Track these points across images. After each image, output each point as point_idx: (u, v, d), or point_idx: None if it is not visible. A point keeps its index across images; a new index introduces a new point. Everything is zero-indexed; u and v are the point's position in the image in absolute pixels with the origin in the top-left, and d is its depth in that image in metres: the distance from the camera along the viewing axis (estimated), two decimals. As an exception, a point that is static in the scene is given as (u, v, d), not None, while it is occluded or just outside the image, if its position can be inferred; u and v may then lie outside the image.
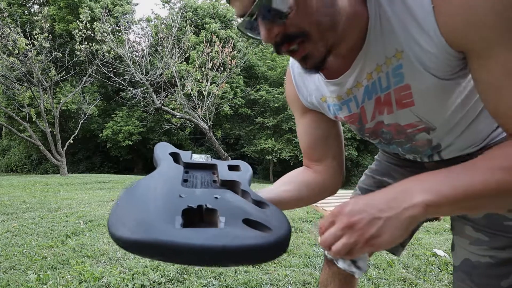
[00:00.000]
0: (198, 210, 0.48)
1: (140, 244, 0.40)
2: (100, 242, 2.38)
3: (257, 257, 0.42)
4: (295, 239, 2.55)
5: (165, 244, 0.39)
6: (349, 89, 0.61)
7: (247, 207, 0.51)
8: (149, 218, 0.43)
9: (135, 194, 0.50)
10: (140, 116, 16.70)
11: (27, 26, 9.72)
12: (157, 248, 0.39)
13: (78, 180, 7.50)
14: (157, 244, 0.39)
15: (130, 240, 0.40)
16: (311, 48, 0.48)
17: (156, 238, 0.39)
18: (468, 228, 0.64)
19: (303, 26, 0.46)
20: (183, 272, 1.88)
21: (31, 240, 2.40)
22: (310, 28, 0.46)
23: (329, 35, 0.47)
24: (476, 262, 0.62)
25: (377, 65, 0.55)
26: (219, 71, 10.90)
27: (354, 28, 0.50)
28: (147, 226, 0.41)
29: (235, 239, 0.41)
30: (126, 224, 0.42)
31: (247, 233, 0.43)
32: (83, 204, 3.93)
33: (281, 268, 1.99)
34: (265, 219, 0.47)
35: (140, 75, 10.80)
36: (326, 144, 0.74)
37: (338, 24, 0.47)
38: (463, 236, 0.65)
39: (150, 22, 17.69)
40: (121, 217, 0.44)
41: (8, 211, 3.43)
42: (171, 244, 0.39)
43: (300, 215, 3.37)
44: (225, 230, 0.43)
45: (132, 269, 1.89)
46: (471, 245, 0.63)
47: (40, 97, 9.84)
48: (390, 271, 1.99)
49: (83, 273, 1.81)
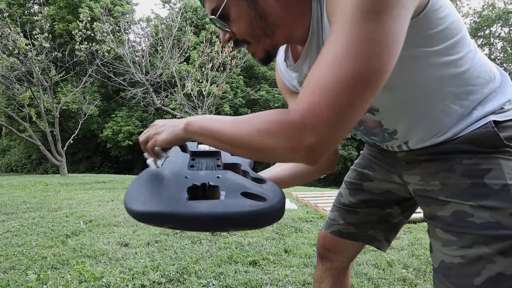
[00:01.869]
0: (202, 187, 0.55)
1: (152, 215, 0.47)
2: (100, 242, 2.38)
3: (253, 223, 0.48)
4: (295, 239, 2.55)
5: (173, 213, 0.46)
6: (306, 75, 0.68)
7: (245, 183, 0.57)
8: (158, 193, 0.52)
9: (146, 177, 0.59)
10: (140, 116, 16.69)
11: (27, 26, 9.71)
12: (166, 217, 0.46)
13: (78, 180, 7.49)
14: (166, 213, 0.46)
15: (143, 211, 0.47)
16: (253, 49, 0.63)
17: (165, 209, 0.47)
18: (439, 230, 0.65)
19: (242, 36, 0.60)
20: (183, 272, 1.88)
21: (31, 240, 2.40)
22: (248, 37, 0.60)
23: (266, 40, 0.60)
24: (450, 263, 0.63)
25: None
26: (219, 71, 10.87)
27: (298, 26, 0.58)
28: (157, 200, 0.50)
29: (233, 207, 0.47)
30: (140, 200, 0.50)
31: (244, 202, 0.49)
32: (83, 204, 3.93)
33: (281, 268, 1.99)
34: (261, 191, 0.53)
35: (140, 75, 10.79)
36: None
37: (273, 31, 0.59)
38: (436, 238, 0.66)
39: (150, 22, 17.69)
40: (134, 194, 0.52)
41: (8, 211, 3.43)
42: (178, 213, 0.46)
43: (300, 215, 3.37)
44: (225, 201, 0.50)
45: (132, 269, 1.89)
46: (443, 247, 0.64)
47: (40, 97, 9.83)
48: (390, 271, 1.99)
49: (83, 273, 1.81)
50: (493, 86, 0.63)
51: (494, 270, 0.57)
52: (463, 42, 0.58)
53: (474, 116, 0.61)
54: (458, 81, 0.60)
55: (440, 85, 0.60)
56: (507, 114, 0.61)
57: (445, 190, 0.65)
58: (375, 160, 0.87)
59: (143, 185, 0.55)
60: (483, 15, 20.19)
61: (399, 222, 0.91)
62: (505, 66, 20.02)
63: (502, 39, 20.51)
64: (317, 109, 0.42)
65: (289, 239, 2.57)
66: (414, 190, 0.74)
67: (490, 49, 21.33)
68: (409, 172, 0.74)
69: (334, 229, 0.95)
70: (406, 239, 2.65)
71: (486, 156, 0.60)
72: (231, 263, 2.04)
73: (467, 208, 0.61)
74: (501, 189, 0.58)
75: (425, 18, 0.52)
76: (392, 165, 0.80)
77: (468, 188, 0.61)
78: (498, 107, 0.61)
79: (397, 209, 0.88)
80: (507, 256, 0.57)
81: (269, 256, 2.16)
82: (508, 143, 0.60)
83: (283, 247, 2.35)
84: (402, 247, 2.46)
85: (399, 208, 0.88)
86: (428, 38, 0.54)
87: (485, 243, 0.58)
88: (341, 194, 0.95)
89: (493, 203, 0.58)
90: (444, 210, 0.65)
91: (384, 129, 0.70)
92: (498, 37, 20.69)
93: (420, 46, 0.55)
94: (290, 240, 2.54)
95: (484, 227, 0.59)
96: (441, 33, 0.55)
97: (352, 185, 0.92)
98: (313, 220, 3.19)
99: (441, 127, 0.63)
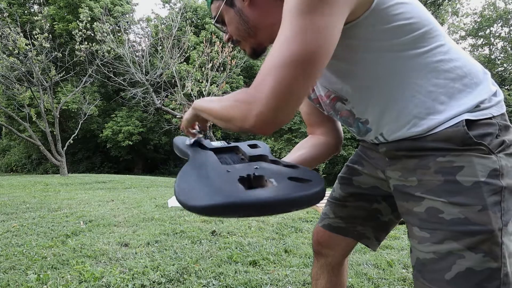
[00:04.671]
0: (247, 178, 0.59)
1: (222, 207, 0.48)
2: (100, 242, 2.38)
3: (313, 202, 0.53)
4: (295, 239, 2.55)
5: (241, 203, 0.48)
6: None
7: (284, 170, 0.63)
8: (216, 187, 0.53)
9: (191, 175, 0.60)
10: (140, 116, 16.70)
11: (27, 26, 9.70)
12: (235, 207, 0.48)
13: (78, 180, 7.50)
14: (235, 203, 0.48)
15: (211, 205, 0.48)
16: (243, 46, 0.78)
17: (233, 200, 0.49)
18: (415, 228, 0.67)
19: (234, 36, 0.76)
20: (183, 272, 1.88)
21: (31, 240, 2.40)
22: (237, 37, 0.76)
23: (250, 40, 0.75)
24: (424, 259, 0.64)
25: None
26: (219, 71, 10.86)
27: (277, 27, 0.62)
28: (222, 192, 0.51)
29: (296, 191, 0.52)
30: (201, 195, 0.51)
31: (299, 185, 0.55)
32: (83, 204, 3.93)
33: (281, 268, 1.99)
34: (303, 174, 0.60)
35: (140, 75, 10.79)
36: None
37: (254, 32, 0.73)
38: (413, 237, 0.68)
39: (150, 22, 17.68)
40: (191, 192, 0.53)
41: (8, 211, 3.43)
42: (246, 202, 0.49)
43: (300, 215, 3.37)
44: (282, 186, 0.54)
45: (132, 269, 1.89)
46: (419, 244, 0.66)
47: (40, 97, 9.84)
48: (390, 271, 1.99)
49: (83, 273, 1.81)
50: (468, 83, 0.64)
51: (464, 265, 0.59)
52: (429, 37, 0.62)
53: (448, 113, 0.63)
54: (423, 74, 0.62)
55: (403, 76, 0.63)
56: (483, 113, 0.63)
57: (421, 187, 0.66)
58: (364, 155, 0.89)
59: (193, 182, 0.57)
60: (484, 14, 20.19)
61: (390, 221, 0.92)
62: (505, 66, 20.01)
63: (503, 39, 20.51)
64: (261, 85, 0.53)
65: (289, 239, 2.57)
66: (394, 185, 0.75)
67: (490, 49, 21.33)
68: (391, 168, 0.75)
69: (325, 223, 0.97)
70: (406, 239, 2.65)
71: (459, 154, 0.62)
72: (231, 263, 2.04)
73: (439, 204, 0.62)
74: (472, 186, 0.60)
75: (374, 14, 0.58)
76: (377, 160, 0.82)
77: (441, 185, 0.63)
78: (473, 105, 0.63)
79: (385, 206, 0.90)
80: (477, 252, 0.58)
81: (269, 256, 2.16)
82: (480, 141, 0.61)
83: (283, 247, 2.35)
84: (402, 247, 2.46)
85: (388, 206, 0.89)
86: (383, 32, 0.60)
87: (455, 238, 0.60)
88: (334, 189, 0.99)
89: (463, 199, 0.60)
90: (419, 206, 0.66)
91: (357, 119, 0.74)
92: (499, 37, 20.69)
93: (376, 40, 0.61)
94: (290, 240, 2.54)
95: (454, 223, 0.60)
96: (399, 28, 0.60)
97: (343, 179, 0.95)
98: (313, 220, 3.19)
99: (411, 117, 0.65)
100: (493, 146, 0.61)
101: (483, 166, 0.60)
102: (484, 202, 0.59)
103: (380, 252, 2.31)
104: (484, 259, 0.58)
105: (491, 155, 0.61)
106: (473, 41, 21.87)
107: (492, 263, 0.58)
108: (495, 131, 0.62)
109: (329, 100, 0.76)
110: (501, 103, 0.66)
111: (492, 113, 0.63)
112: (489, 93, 0.65)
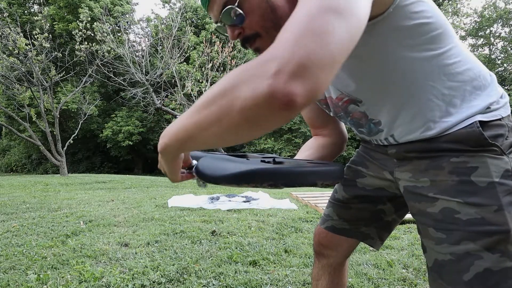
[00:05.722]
0: (269, 161, 0.60)
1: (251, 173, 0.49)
2: (100, 242, 2.38)
3: (336, 178, 0.57)
4: (295, 239, 2.55)
5: (268, 170, 0.50)
6: None
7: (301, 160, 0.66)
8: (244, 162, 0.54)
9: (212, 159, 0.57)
10: (140, 116, 16.70)
11: (27, 26, 9.71)
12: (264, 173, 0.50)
13: (78, 180, 7.50)
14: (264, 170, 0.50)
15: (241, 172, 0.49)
16: (262, 43, 0.63)
17: (261, 167, 0.50)
18: (431, 229, 0.67)
19: (254, 28, 0.61)
20: (183, 272, 1.88)
21: (31, 240, 2.40)
22: (259, 29, 0.61)
23: (274, 34, 0.52)
24: (442, 261, 0.64)
25: None
26: (219, 71, 10.87)
27: None
28: (248, 164, 0.51)
29: (315, 165, 0.55)
30: (230, 167, 0.51)
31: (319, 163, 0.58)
32: (83, 204, 3.93)
33: (281, 268, 1.99)
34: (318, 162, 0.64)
35: (140, 75, 10.79)
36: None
37: (281, 24, 0.48)
38: (429, 238, 0.68)
39: (150, 22, 17.68)
40: (217, 166, 0.52)
41: (8, 211, 3.43)
42: (272, 170, 0.50)
43: (300, 215, 3.37)
44: (303, 163, 0.57)
45: (132, 269, 1.89)
46: (436, 246, 0.65)
47: (40, 97, 9.83)
48: (390, 271, 1.99)
49: (83, 273, 1.81)
50: (478, 85, 0.64)
51: (482, 266, 0.59)
52: (444, 38, 0.61)
53: (461, 115, 0.63)
54: (439, 76, 0.62)
55: (421, 78, 0.62)
56: (494, 114, 0.63)
57: (434, 187, 0.66)
58: (368, 157, 0.89)
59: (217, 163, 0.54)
60: (484, 14, 20.18)
61: (393, 220, 0.93)
62: (506, 66, 20.00)
63: (503, 39, 20.50)
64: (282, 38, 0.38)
65: (289, 239, 2.57)
66: (404, 186, 0.75)
67: (491, 49, 21.32)
68: (400, 169, 0.75)
69: (328, 225, 0.97)
70: (406, 239, 2.65)
71: (473, 155, 0.62)
72: (231, 263, 2.04)
73: (454, 205, 0.62)
74: (487, 186, 0.60)
75: (397, 11, 0.56)
76: (384, 162, 0.82)
77: (456, 185, 0.63)
78: (485, 107, 0.63)
79: (389, 206, 0.89)
80: (494, 252, 0.58)
81: (269, 256, 2.16)
82: (493, 142, 0.61)
83: (283, 247, 2.35)
84: (402, 247, 2.46)
85: (392, 206, 0.89)
86: (405, 30, 0.58)
87: (472, 239, 0.60)
88: (336, 190, 0.98)
89: (479, 200, 0.60)
90: (433, 207, 0.66)
91: (370, 120, 0.73)
92: (499, 37, 20.68)
93: (397, 38, 0.58)
94: (290, 240, 2.54)
95: (471, 223, 0.60)
96: (420, 26, 0.58)
97: (346, 181, 0.95)
98: (313, 220, 3.19)
99: (425, 121, 0.65)
100: (504, 147, 0.62)
101: (496, 167, 0.61)
102: (500, 202, 0.59)
103: (380, 252, 2.31)
104: (501, 259, 0.58)
105: (503, 156, 0.61)
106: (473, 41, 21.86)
107: (508, 262, 0.58)
108: (505, 132, 0.63)
109: (342, 102, 0.74)
110: (507, 105, 0.67)
111: (501, 114, 0.64)
112: (498, 95, 0.66)
